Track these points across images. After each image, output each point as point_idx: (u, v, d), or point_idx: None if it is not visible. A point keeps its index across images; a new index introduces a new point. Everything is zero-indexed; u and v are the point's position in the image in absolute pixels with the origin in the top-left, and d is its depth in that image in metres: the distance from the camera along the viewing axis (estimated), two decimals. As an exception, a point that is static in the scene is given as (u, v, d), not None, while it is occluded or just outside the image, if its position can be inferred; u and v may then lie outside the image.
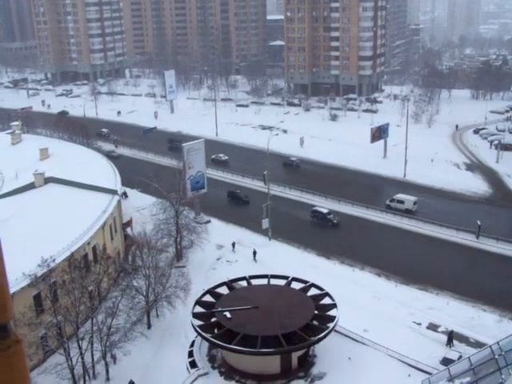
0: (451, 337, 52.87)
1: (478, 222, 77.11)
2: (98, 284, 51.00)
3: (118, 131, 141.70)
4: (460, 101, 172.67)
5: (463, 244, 76.67)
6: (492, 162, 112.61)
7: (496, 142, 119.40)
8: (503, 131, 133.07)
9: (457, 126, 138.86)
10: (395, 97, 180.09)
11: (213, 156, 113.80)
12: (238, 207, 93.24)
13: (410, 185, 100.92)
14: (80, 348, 47.49)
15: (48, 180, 70.99)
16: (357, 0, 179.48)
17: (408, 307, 60.39)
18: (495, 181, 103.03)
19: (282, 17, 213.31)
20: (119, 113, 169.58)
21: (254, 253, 72.65)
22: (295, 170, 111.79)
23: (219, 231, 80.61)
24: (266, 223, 78.55)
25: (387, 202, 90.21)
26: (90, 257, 59.44)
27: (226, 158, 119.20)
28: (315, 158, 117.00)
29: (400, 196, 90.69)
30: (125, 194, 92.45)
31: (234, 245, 76.25)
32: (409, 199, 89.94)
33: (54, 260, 49.58)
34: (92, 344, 48.58)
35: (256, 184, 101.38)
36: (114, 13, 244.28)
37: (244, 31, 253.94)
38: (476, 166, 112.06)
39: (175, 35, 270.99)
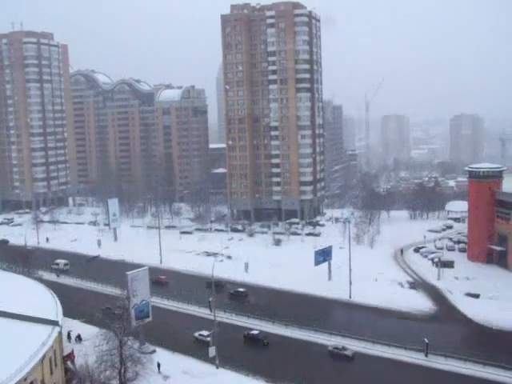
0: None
1: (426, 340, 77.39)
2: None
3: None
4: (399, 221, 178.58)
5: (412, 363, 76.17)
6: (433, 279, 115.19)
7: (436, 259, 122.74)
8: (441, 249, 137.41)
9: (402, 251, 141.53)
10: (337, 219, 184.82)
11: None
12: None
13: (355, 305, 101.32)
14: None
15: (-17, 312, 67.89)
16: (295, 128, 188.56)
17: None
18: (438, 297, 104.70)
19: (224, 145, 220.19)
20: (47, 239, 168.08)
21: (158, 365, 74.47)
22: (240, 296, 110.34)
23: (165, 361, 77.78)
24: (212, 351, 76.56)
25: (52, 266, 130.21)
26: (28, 394, 55.91)
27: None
28: (260, 283, 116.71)
29: (57, 261, 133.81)
30: (79, 337, 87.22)
31: (159, 366, 75.55)
32: (61, 262, 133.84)
33: (-13, 399, 46.49)
34: None
35: (202, 311, 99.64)
36: (58, 142, 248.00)
37: (187, 160, 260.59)
38: (419, 284, 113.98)
39: (119, 163, 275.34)
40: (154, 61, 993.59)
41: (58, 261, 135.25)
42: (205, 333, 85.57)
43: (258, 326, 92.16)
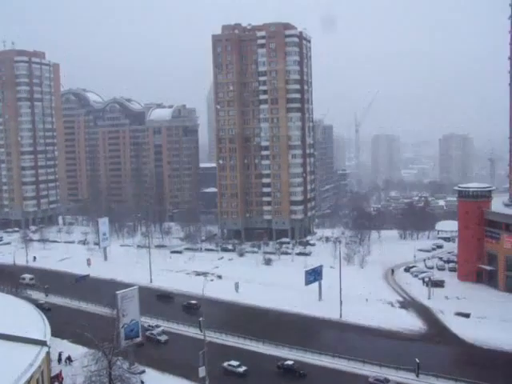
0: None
1: (417, 360, 77.06)
2: None
3: (50, 279, 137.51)
4: (389, 240, 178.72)
5: (404, 383, 75.76)
6: (424, 298, 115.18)
7: (426, 279, 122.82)
8: (432, 268, 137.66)
9: (392, 271, 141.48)
10: (327, 239, 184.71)
11: None
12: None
13: (346, 325, 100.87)
14: None
15: (-30, 333, 67.06)
16: (286, 148, 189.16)
17: None
18: (429, 317, 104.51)
19: (214, 165, 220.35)
20: (35, 258, 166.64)
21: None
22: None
23: (154, 382, 77.01)
24: (202, 371, 75.67)
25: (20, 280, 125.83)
26: (14, 416, 55.08)
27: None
28: (251, 303, 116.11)
29: (23, 275, 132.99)
30: (69, 359, 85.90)
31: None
32: (27, 276, 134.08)
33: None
34: None
35: (192, 331, 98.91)
36: (48, 161, 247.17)
37: (177, 179, 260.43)
38: (409, 304, 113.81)
39: (109, 182, 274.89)
40: (144, 80, 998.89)
41: (24, 275, 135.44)
42: (234, 363, 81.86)
43: (247, 345, 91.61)
